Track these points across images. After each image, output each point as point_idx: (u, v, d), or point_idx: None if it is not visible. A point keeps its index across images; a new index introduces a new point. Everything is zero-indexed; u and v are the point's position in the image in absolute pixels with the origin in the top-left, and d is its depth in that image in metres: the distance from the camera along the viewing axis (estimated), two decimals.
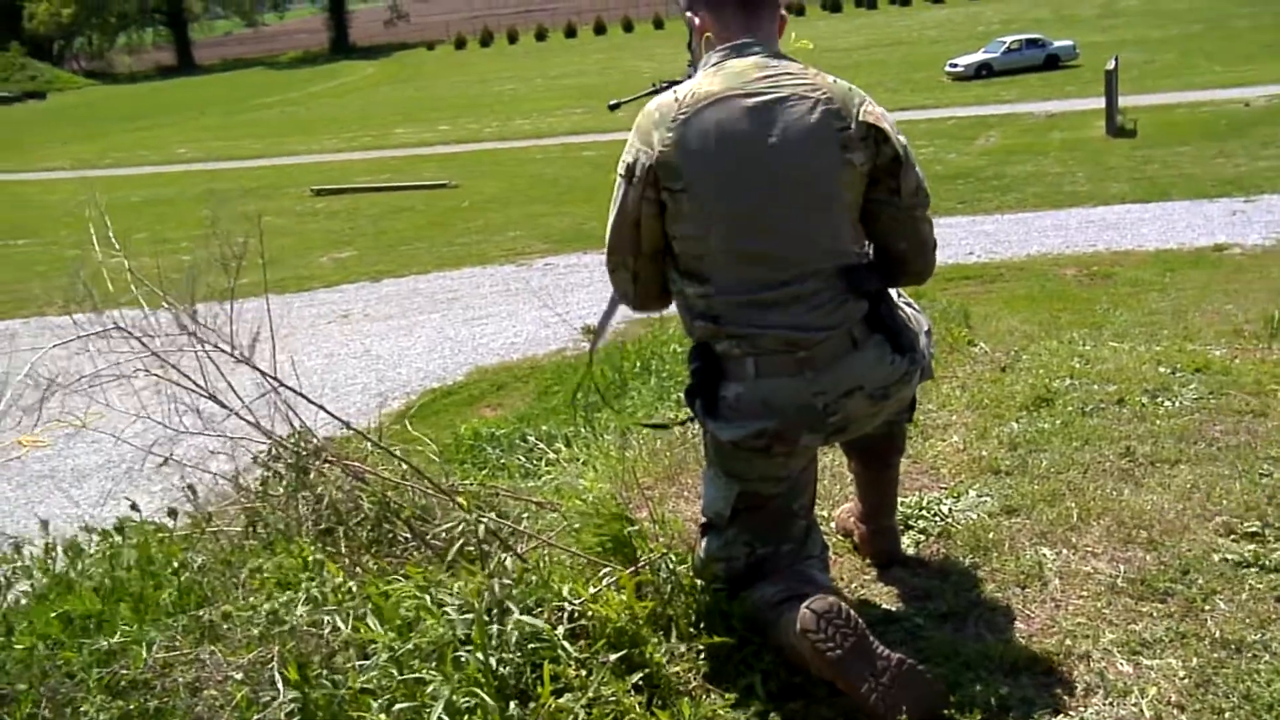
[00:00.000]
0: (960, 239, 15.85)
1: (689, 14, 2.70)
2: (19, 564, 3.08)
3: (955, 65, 38.19)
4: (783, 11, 2.70)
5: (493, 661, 2.35)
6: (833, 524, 3.33)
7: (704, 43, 2.64)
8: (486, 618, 2.41)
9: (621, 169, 2.54)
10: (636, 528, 2.95)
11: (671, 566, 2.74)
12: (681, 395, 2.92)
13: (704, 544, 2.75)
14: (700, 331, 2.58)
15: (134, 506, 3.34)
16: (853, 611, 2.38)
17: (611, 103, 3.46)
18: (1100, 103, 25.30)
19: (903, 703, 2.28)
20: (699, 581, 2.75)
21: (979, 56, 38.56)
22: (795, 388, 2.51)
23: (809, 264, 2.50)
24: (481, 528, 2.79)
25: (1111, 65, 24.89)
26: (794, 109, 2.47)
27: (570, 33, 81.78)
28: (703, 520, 2.77)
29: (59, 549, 3.08)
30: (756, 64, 2.52)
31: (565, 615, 2.55)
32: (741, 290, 2.50)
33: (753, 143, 2.45)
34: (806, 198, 2.49)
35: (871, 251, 2.65)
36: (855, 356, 2.54)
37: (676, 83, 2.68)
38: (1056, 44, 38.95)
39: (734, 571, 2.70)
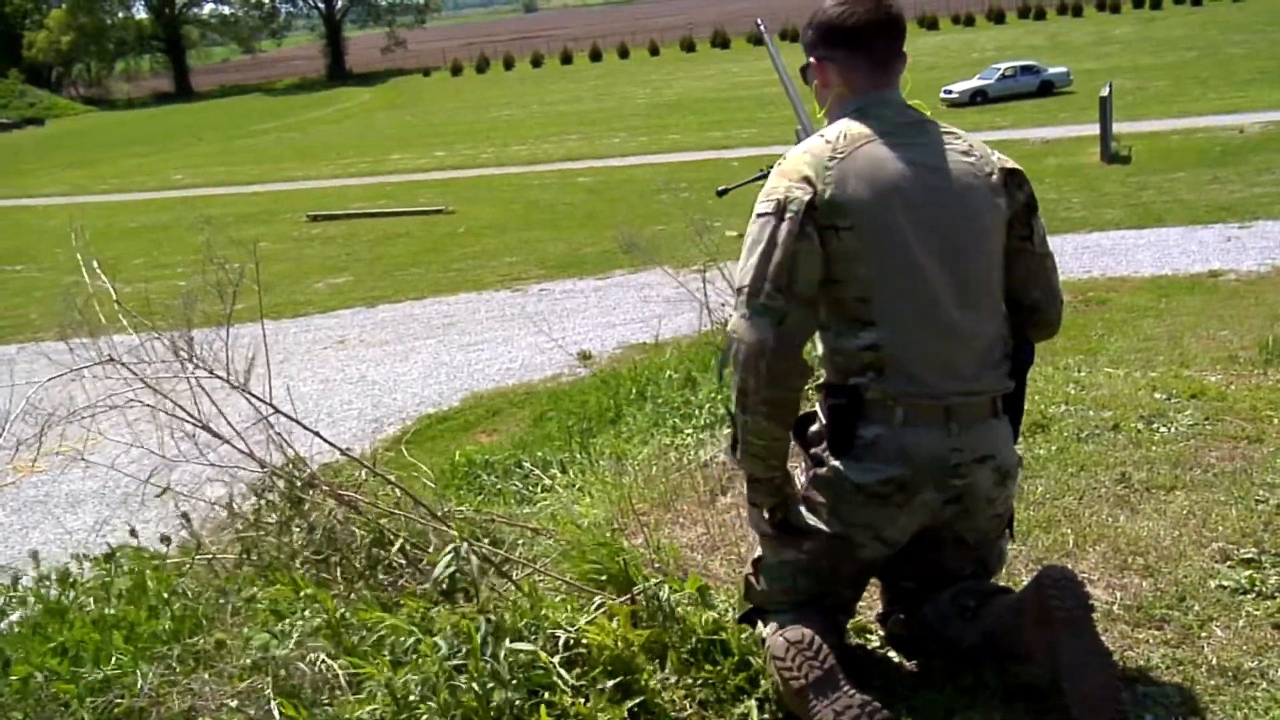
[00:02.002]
0: None
1: (813, 61, 2.63)
2: (13, 594, 3.07)
3: (950, 92, 38.36)
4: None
5: (487, 690, 2.34)
6: None
7: (834, 96, 2.61)
8: (480, 647, 2.41)
9: (768, 206, 2.42)
10: (631, 555, 2.94)
11: (667, 594, 2.74)
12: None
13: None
14: (855, 383, 2.47)
15: (133, 533, 3.34)
16: (826, 647, 2.37)
17: (720, 189, 3.35)
18: (1095, 129, 25.40)
19: None
20: (694, 609, 2.75)
21: (974, 83, 38.75)
22: (936, 439, 2.45)
23: (982, 320, 2.49)
24: (474, 557, 2.79)
25: (1106, 92, 25.01)
26: (948, 153, 2.49)
27: (566, 59, 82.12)
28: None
29: (52, 578, 3.07)
30: (898, 111, 2.53)
31: (560, 643, 2.55)
32: (916, 341, 2.44)
33: (918, 184, 2.43)
34: (976, 243, 2.48)
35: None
36: (994, 425, 2.52)
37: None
38: (1051, 71, 39.14)
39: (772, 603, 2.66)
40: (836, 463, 2.49)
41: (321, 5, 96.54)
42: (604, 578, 2.89)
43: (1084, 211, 19.59)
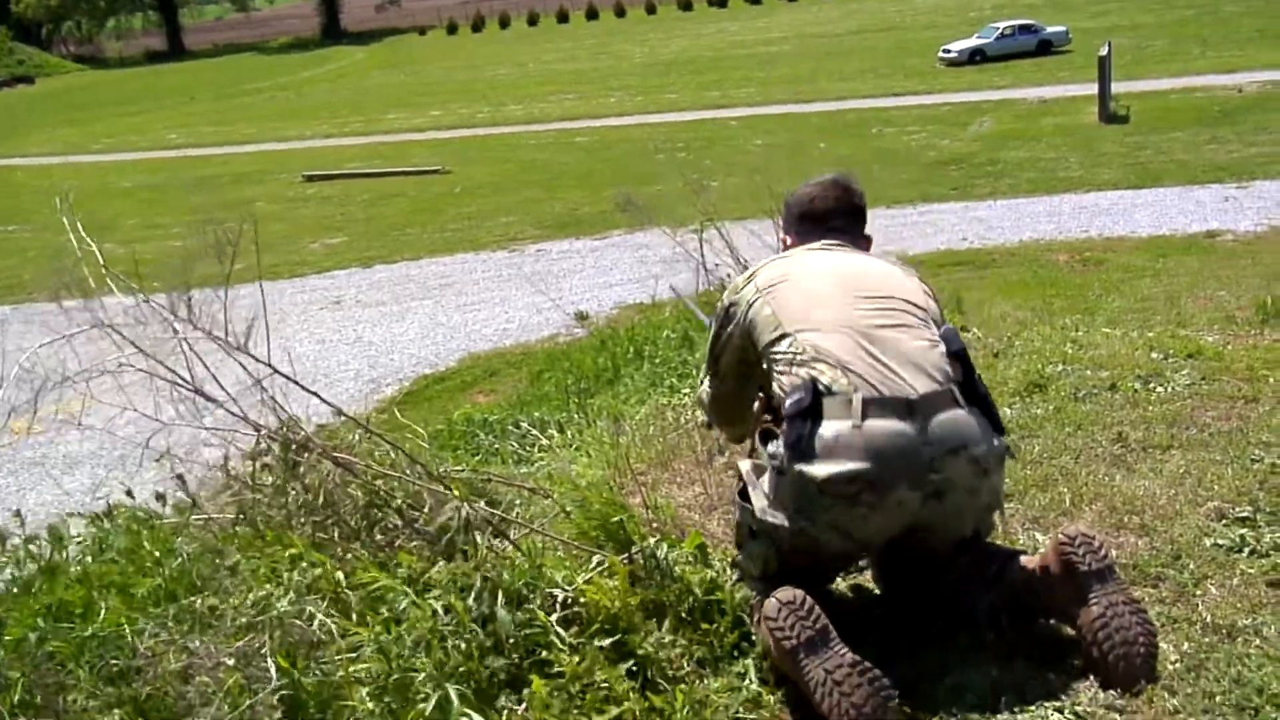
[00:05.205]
0: (953, 225, 15.87)
1: (786, 240, 3.11)
2: (5, 554, 3.07)
3: (948, 51, 38.13)
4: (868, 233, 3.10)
5: (484, 647, 2.35)
6: None
7: None
8: (476, 605, 2.41)
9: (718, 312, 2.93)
10: (629, 514, 2.94)
11: (664, 553, 2.74)
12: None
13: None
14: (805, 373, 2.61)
15: (129, 493, 3.33)
16: (818, 607, 2.39)
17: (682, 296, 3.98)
18: (1093, 88, 25.27)
19: (847, 704, 2.27)
20: (691, 568, 2.76)
21: (972, 42, 38.49)
22: (905, 433, 2.49)
23: (909, 306, 2.74)
24: (472, 514, 2.79)
25: (1104, 51, 24.87)
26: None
27: (563, 18, 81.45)
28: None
29: (43, 537, 3.06)
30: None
31: (557, 602, 2.55)
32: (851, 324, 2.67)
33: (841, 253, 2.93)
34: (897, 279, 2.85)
35: None
36: (960, 414, 2.55)
37: None
38: (1049, 30, 38.87)
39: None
40: (799, 466, 2.51)
41: None
42: (602, 537, 2.89)
43: (1081, 171, 19.53)
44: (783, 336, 2.69)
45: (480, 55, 63.22)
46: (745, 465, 2.78)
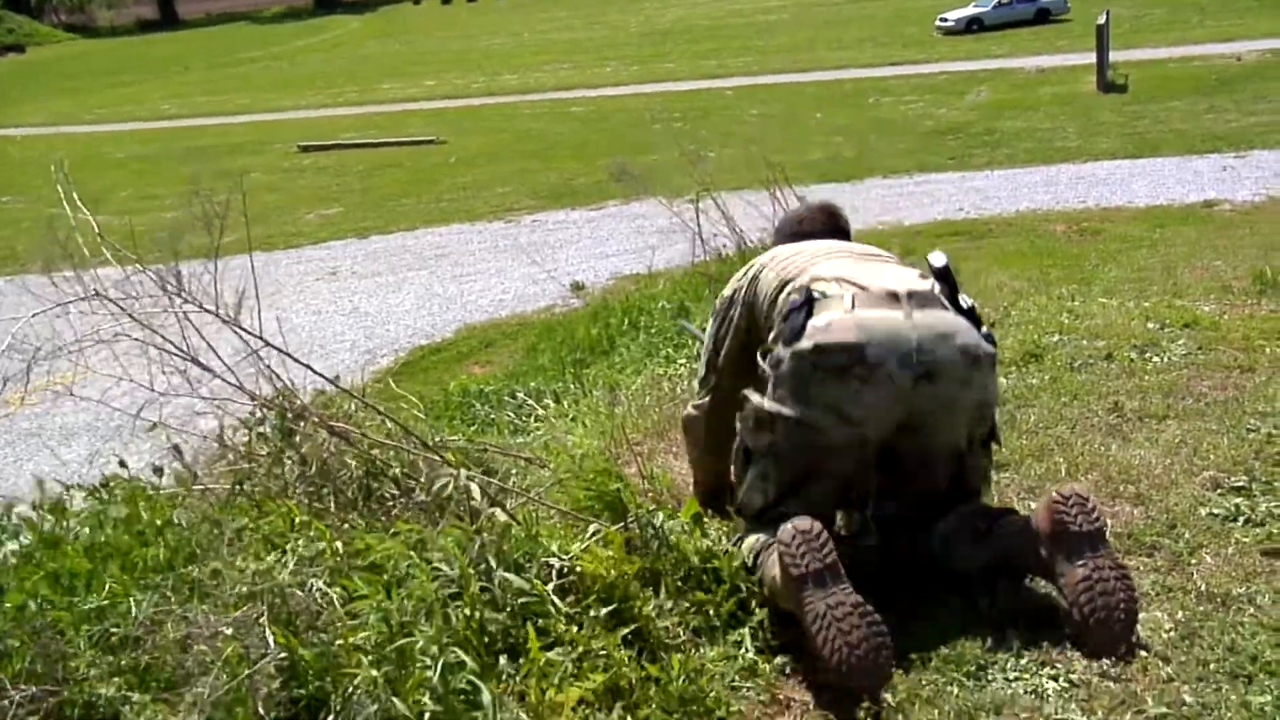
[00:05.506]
0: (950, 195, 15.82)
1: None
2: (7, 524, 3.07)
3: (945, 20, 37.88)
4: None
5: (482, 616, 2.36)
6: None
7: None
8: (474, 573, 2.42)
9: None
10: (625, 484, 2.95)
11: (660, 522, 2.75)
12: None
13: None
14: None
15: (123, 464, 3.33)
16: (831, 543, 2.42)
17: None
18: (1091, 58, 25.12)
19: (843, 642, 2.29)
20: (687, 537, 2.77)
21: (969, 11, 38.22)
22: (892, 316, 2.63)
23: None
24: (469, 484, 2.79)
25: (1102, 20, 24.71)
26: None
27: None
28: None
29: (44, 508, 3.06)
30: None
31: (554, 571, 2.56)
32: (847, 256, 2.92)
33: None
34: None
35: None
36: (947, 312, 2.70)
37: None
38: None
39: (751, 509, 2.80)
40: (791, 347, 2.65)
41: None
42: (598, 507, 2.90)
43: (1079, 141, 19.45)
44: (785, 284, 2.86)
45: (475, 24, 62.87)
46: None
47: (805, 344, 2.63)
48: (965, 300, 2.80)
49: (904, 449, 2.67)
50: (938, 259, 2.85)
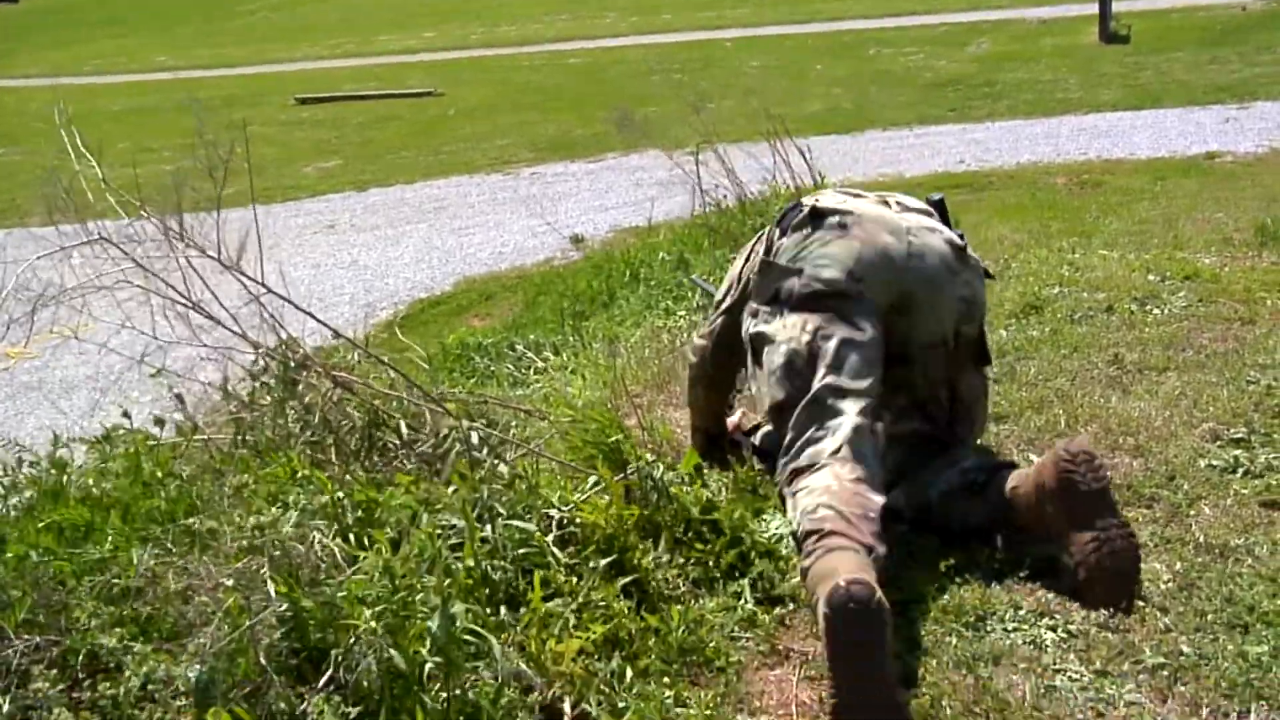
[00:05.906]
0: (950, 147, 15.71)
1: None
2: (8, 476, 3.07)
3: None
4: None
5: (484, 567, 2.37)
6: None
7: None
8: (476, 524, 2.43)
9: None
10: (625, 435, 2.95)
11: (660, 473, 2.75)
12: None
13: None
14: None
15: (126, 414, 3.33)
16: (886, 618, 2.15)
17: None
18: (1093, 8, 24.82)
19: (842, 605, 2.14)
20: (687, 490, 2.77)
21: None
22: (884, 210, 2.87)
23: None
24: (471, 435, 2.80)
25: None
26: None
27: None
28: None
29: (45, 461, 3.07)
30: None
31: (554, 522, 2.57)
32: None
33: None
34: None
35: None
36: (936, 221, 2.91)
37: None
38: None
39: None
40: (788, 225, 2.91)
41: None
42: (598, 458, 2.91)
43: (1080, 93, 19.28)
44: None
45: None
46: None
47: (803, 213, 2.87)
48: (957, 232, 2.93)
49: (896, 335, 2.74)
50: (934, 196, 3.03)
